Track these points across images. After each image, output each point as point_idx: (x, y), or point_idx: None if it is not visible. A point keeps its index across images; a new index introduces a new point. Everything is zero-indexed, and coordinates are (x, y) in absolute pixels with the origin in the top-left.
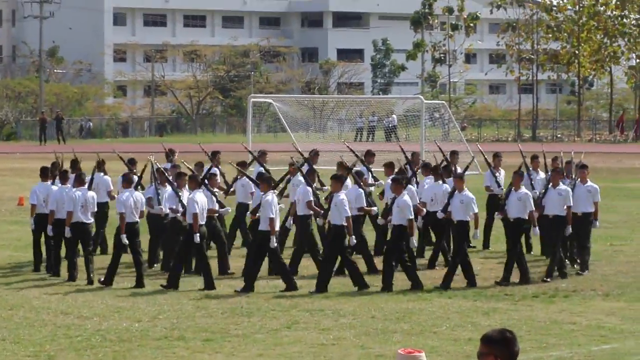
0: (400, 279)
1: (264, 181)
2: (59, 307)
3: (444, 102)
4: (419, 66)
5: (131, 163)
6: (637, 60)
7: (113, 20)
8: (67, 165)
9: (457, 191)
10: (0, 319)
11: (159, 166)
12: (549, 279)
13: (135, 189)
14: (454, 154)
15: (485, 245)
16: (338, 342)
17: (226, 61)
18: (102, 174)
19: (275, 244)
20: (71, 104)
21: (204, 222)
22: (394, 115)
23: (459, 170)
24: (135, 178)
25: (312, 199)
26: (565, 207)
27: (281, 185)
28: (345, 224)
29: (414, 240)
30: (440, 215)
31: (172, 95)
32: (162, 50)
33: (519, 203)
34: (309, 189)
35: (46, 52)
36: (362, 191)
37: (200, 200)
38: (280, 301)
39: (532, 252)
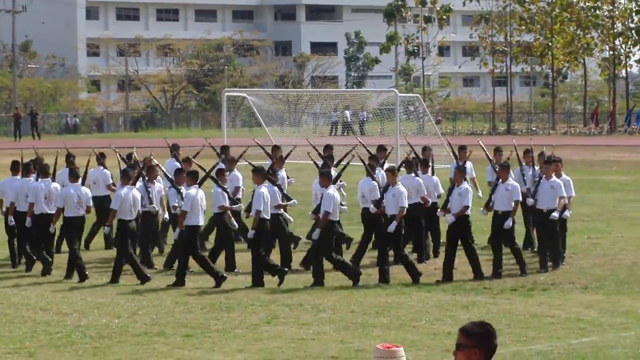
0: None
1: (257, 173)
2: (38, 304)
3: (418, 95)
4: (392, 59)
5: (128, 158)
6: (611, 52)
7: (86, 14)
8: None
9: (390, 185)
10: None
11: (157, 162)
12: (558, 268)
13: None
14: (425, 149)
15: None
16: (318, 337)
17: (200, 55)
18: (102, 167)
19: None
20: (45, 99)
21: (202, 220)
22: (364, 111)
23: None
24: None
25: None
26: (558, 198)
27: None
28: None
29: (393, 226)
30: (372, 209)
31: (146, 90)
32: (136, 44)
33: (506, 194)
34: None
35: (19, 47)
36: (376, 184)
37: (199, 197)
38: (259, 296)
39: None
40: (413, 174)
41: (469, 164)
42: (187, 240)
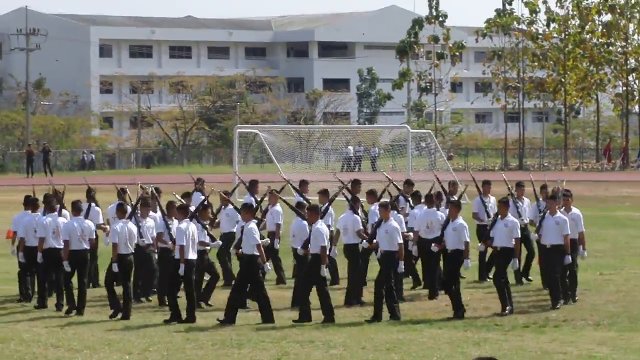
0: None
1: (247, 210)
2: (49, 340)
3: (430, 131)
4: (404, 95)
5: (124, 192)
6: (624, 88)
7: (99, 52)
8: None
9: (383, 221)
10: None
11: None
12: (558, 307)
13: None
14: (454, 184)
15: (482, 276)
16: None
17: (212, 92)
18: (93, 204)
19: (269, 268)
20: (58, 136)
21: (194, 254)
22: (375, 147)
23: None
24: (129, 208)
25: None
26: (562, 235)
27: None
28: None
29: (402, 265)
30: (364, 244)
31: (158, 126)
32: (148, 81)
33: (505, 230)
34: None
35: (33, 84)
36: (358, 217)
37: (190, 231)
38: (270, 332)
39: (528, 281)
40: (435, 208)
41: (492, 199)
42: (176, 274)
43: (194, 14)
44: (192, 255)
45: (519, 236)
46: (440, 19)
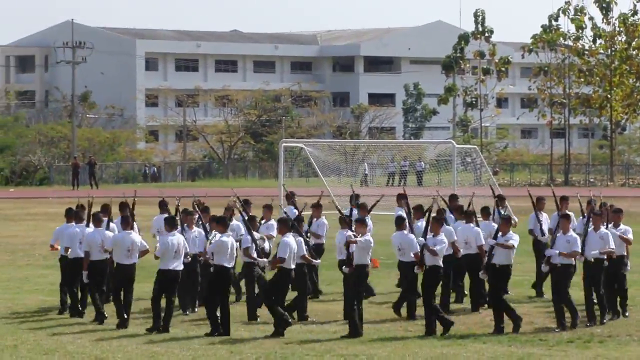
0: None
1: (282, 224)
2: (93, 352)
3: (475, 146)
4: (450, 110)
5: (204, 210)
6: None
7: (145, 65)
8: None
9: (433, 235)
10: None
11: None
12: (605, 321)
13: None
14: (501, 198)
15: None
16: None
17: (258, 106)
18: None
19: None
20: (103, 149)
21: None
22: (421, 162)
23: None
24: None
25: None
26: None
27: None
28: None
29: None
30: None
31: (203, 140)
32: (194, 95)
33: (567, 246)
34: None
35: (78, 97)
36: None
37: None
38: (314, 346)
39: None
40: (472, 224)
41: (544, 215)
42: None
43: (240, 28)
44: (171, 265)
45: (579, 250)
46: (486, 34)
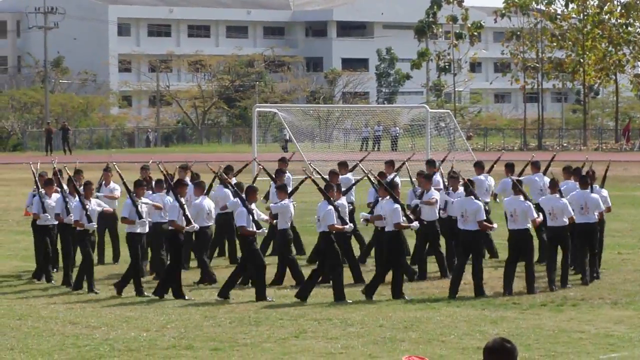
0: (409, 288)
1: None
2: (67, 317)
3: (449, 111)
4: (423, 75)
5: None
6: None
7: (117, 31)
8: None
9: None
10: (9, 329)
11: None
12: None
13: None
14: (509, 166)
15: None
16: (346, 351)
17: (231, 71)
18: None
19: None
20: (76, 114)
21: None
22: (396, 127)
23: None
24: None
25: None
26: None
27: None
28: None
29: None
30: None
31: (177, 105)
32: (167, 60)
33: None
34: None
35: (51, 63)
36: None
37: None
38: (288, 310)
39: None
40: (473, 197)
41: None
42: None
43: None
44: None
45: (572, 214)
46: None
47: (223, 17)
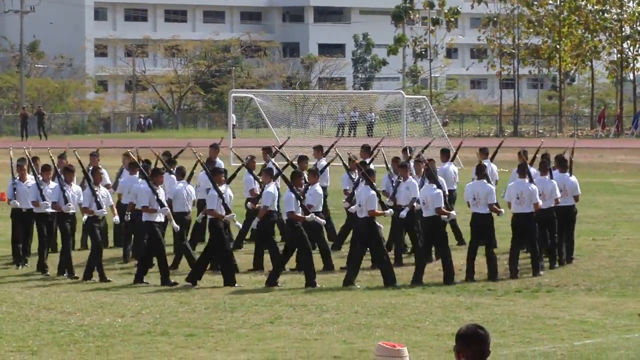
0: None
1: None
2: (41, 303)
3: (425, 97)
4: (400, 61)
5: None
6: (618, 55)
7: (94, 15)
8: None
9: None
10: None
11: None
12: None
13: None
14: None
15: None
16: (321, 337)
17: (207, 56)
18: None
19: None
20: (52, 99)
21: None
22: (372, 113)
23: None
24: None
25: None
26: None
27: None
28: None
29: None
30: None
31: (153, 90)
32: (143, 45)
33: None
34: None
35: (27, 47)
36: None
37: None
38: (263, 296)
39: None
40: (485, 180)
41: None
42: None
43: None
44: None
45: (538, 201)
46: None
47: (200, 2)
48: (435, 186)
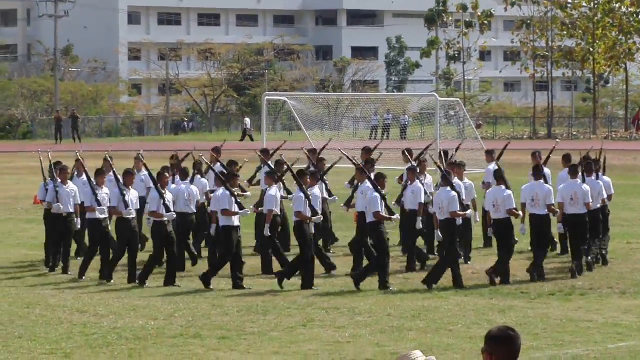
0: (417, 277)
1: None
2: (75, 305)
3: (458, 99)
4: (433, 64)
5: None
6: None
7: (128, 19)
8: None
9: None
10: (17, 317)
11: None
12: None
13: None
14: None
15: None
16: (353, 340)
17: (240, 59)
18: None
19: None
20: (86, 103)
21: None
22: (406, 115)
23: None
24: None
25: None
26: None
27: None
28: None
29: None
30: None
31: (186, 93)
32: (177, 48)
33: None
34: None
35: (61, 51)
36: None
37: None
38: (296, 299)
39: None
40: (542, 181)
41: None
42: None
43: None
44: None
45: (553, 202)
46: None
47: (233, 6)
48: (449, 188)
